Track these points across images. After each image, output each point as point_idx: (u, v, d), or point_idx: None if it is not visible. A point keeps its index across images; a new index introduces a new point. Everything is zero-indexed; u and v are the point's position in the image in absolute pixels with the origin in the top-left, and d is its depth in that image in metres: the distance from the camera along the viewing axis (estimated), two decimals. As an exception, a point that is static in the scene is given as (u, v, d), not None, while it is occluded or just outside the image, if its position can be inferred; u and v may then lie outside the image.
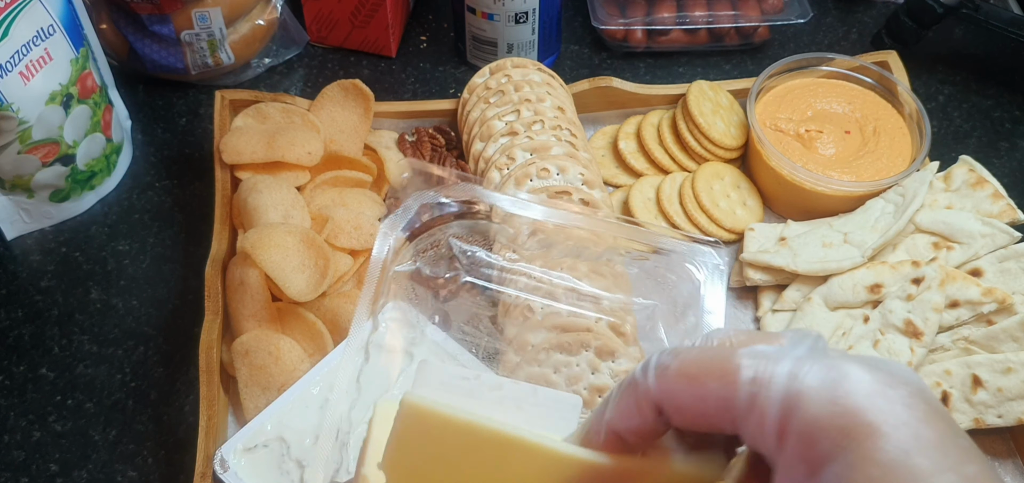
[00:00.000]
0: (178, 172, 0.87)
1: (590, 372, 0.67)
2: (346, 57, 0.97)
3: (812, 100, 0.84)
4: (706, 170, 0.82)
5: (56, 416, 0.71)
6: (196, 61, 0.89)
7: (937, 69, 0.96)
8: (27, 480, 0.68)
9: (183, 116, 0.91)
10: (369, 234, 0.74)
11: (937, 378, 0.69)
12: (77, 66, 0.76)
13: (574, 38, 0.99)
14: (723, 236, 0.80)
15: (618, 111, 0.89)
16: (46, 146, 0.76)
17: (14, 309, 0.77)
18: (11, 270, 0.79)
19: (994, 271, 0.72)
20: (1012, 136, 0.91)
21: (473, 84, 0.85)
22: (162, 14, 0.85)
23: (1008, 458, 0.69)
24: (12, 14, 0.70)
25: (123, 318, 0.76)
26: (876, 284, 0.72)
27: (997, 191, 0.76)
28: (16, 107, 0.72)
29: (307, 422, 0.65)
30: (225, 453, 0.63)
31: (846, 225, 0.76)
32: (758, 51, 0.98)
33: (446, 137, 0.84)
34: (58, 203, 0.81)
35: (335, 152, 0.79)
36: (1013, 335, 0.68)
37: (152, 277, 0.79)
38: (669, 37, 0.96)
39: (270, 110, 0.82)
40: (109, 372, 0.73)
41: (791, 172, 0.78)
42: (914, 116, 0.82)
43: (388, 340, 0.69)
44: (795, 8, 0.95)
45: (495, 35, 0.89)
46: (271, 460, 0.63)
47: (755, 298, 0.78)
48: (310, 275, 0.70)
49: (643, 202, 0.81)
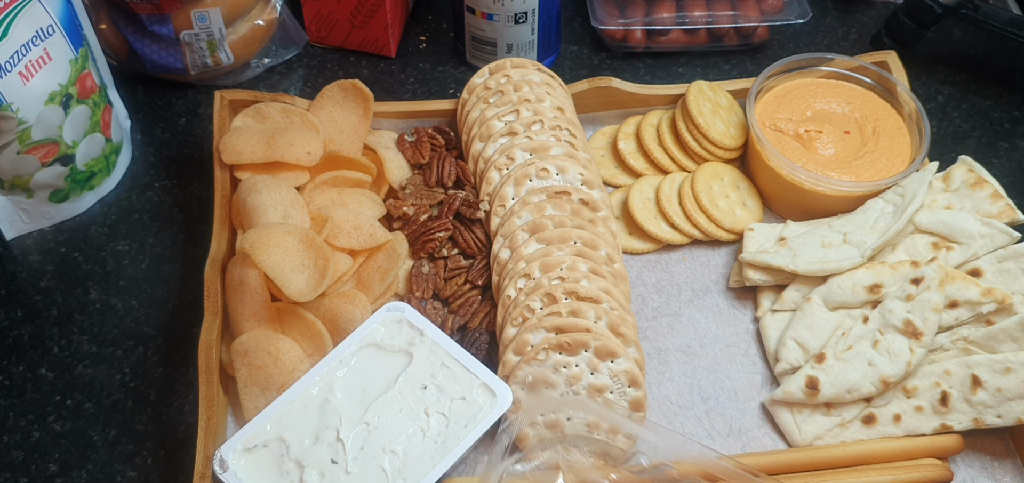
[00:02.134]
0: (177, 172, 0.87)
1: (590, 372, 0.67)
2: (345, 57, 0.97)
3: (811, 100, 0.84)
4: (705, 170, 0.82)
5: (55, 416, 0.71)
6: (195, 61, 0.89)
7: (936, 69, 0.97)
8: (26, 480, 0.68)
9: (182, 116, 0.91)
10: (369, 234, 0.74)
11: (936, 378, 0.69)
12: (76, 66, 0.76)
13: (573, 38, 0.99)
14: (723, 236, 0.80)
15: (617, 111, 0.89)
16: (45, 146, 0.76)
17: (13, 309, 0.77)
18: (10, 270, 0.79)
19: (993, 271, 0.72)
20: (1011, 136, 0.91)
21: (472, 84, 0.85)
22: (161, 14, 0.85)
23: (1008, 458, 0.69)
24: (11, 14, 0.70)
25: (122, 318, 0.76)
26: (875, 284, 0.72)
27: (996, 191, 0.76)
28: (15, 107, 0.72)
29: (307, 422, 0.65)
30: (224, 453, 0.63)
31: (845, 225, 0.76)
32: (757, 51, 0.98)
33: (446, 137, 0.84)
34: (57, 203, 0.81)
35: (334, 152, 0.79)
36: (1012, 335, 0.68)
37: (151, 277, 0.79)
38: (668, 37, 0.96)
39: (269, 110, 0.82)
40: (108, 372, 0.73)
41: (790, 172, 0.78)
42: (913, 116, 0.82)
43: (388, 340, 0.69)
44: (794, 8, 0.95)
45: (494, 35, 0.89)
46: (271, 460, 0.63)
47: (754, 298, 0.78)
48: (309, 275, 0.70)
49: (642, 202, 0.81)
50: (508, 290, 0.71)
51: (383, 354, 0.68)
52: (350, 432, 0.64)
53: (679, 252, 0.81)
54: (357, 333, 0.68)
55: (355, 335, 0.68)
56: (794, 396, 0.69)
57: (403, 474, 0.62)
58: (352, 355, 0.68)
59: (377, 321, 0.69)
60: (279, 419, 0.65)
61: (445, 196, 0.79)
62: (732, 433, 0.70)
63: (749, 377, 0.73)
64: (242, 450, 0.63)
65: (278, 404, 0.65)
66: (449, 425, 0.64)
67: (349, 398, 0.66)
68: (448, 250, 0.77)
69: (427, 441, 0.64)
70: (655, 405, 0.71)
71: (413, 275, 0.75)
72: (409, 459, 0.63)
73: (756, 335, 0.76)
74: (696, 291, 0.78)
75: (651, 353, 0.74)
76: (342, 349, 0.68)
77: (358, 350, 0.68)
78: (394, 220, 0.79)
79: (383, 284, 0.73)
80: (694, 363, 0.74)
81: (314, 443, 0.63)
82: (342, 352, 0.67)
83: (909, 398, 0.69)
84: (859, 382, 0.68)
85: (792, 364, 0.72)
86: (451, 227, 0.77)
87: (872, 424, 0.69)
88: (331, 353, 0.68)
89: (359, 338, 0.68)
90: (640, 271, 0.79)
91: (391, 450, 0.63)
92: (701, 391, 0.72)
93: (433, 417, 0.65)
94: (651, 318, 0.76)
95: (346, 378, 0.67)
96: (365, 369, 0.67)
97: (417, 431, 0.64)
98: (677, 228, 0.80)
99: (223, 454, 0.63)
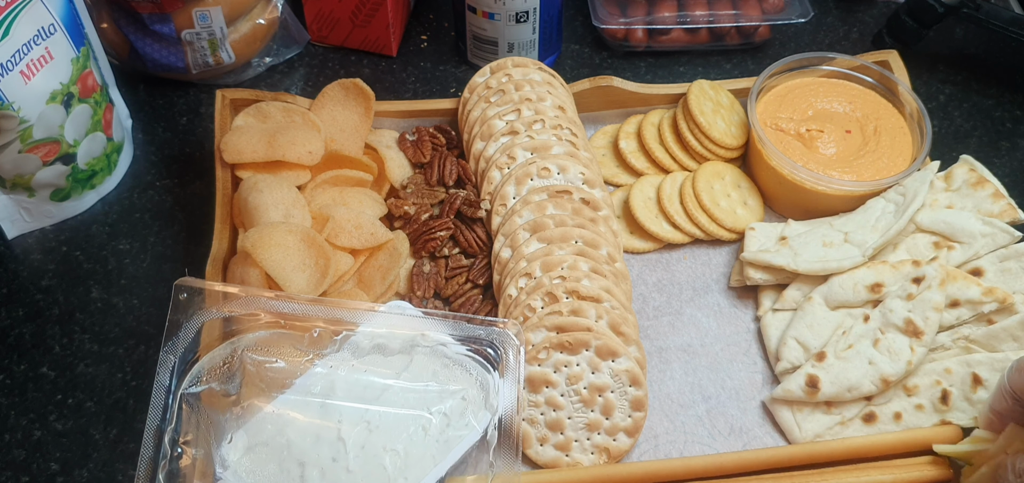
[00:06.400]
0: (179, 171, 0.87)
1: (590, 372, 0.67)
2: (347, 56, 0.97)
3: (813, 99, 0.84)
4: (707, 169, 0.82)
5: (57, 415, 0.71)
6: (197, 60, 0.89)
7: (938, 69, 0.96)
8: (28, 479, 0.68)
9: (184, 115, 0.91)
10: (370, 233, 0.74)
11: (937, 376, 0.69)
12: (78, 65, 0.76)
13: (575, 37, 0.99)
14: (724, 235, 0.80)
15: (619, 110, 0.89)
16: (47, 145, 0.76)
17: (15, 308, 0.77)
18: (12, 269, 0.79)
19: (995, 271, 0.72)
20: (1013, 135, 0.91)
21: (474, 83, 0.85)
22: (163, 13, 0.85)
23: (1008, 458, 0.69)
24: (13, 13, 0.70)
25: (124, 317, 0.76)
26: (877, 283, 0.72)
27: (998, 191, 0.76)
28: (17, 106, 0.72)
29: (307, 422, 0.65)
30: (225, 452, 0.63)
31: (847, 224, 0.76)
32: (759, 50, 0.98)
33: (447, 136, 0.84)
34: (59, 202, 0.81)
35: (336, 151, 0.79)
36: (1013, 334, 0.68)
37: (153, 276, 0.79)
38: (670, 36, 0.96)
39: (271, 109, 0.82)
40: (110, 371, 0.73)
41: (792, 171, 0.78)
42: (915, 115, 0.82)
43: (388, 342, 0.69)
44: (796, 7, 0.95)
45: (496, 34, 0.89)
46: (272, 459, 0.63)
47: (755, 297, 0.78)
48: (311, 274, 0.70)
49: (643, 201, 0.81)
50: (509, 289, 0.71)
51: (384, 353, 0.68)
52: (351, 431, 0.64)
53: (680, 251, 0.81)
54: (358, 332, 0.68)
55: (356, 334, 0.68)
56: (794, 394, 0.69)
57: (404, 473, 0.62)
58: (353, 354, 0.68)
59: (378, 320, 0.69)
60: (280, 418, 0.65)
61: (446, 195, 0.79)
62: (733, 432, 0.70)
63: (750, 376, 0.73)
64: (243, 449, 0.63)
65: (279, 403, 0.65)
66: (450, 423, 0.64)
67: (350, 397, 0.66)
68: (449, 249, 0.77)
69: (428, 440, 0.64)
70: (656, 404, 0.71)
71: (414, 274, 0.75)
72: (410, 458, 0.63)
73: (757, 334, 0.76)
74: (697, 290, 0.78)
75: (652, 352, 0.74)
76: (343, 348, 0.68)
77: (359, 349, 0.68)
78: (395, 219, 0.79)
79: (384, 283, 0.73)
80: (695, 362, 0.74)
81: (315, 442, 0.63)
82: (343, 351, 0.67)
83: (909, 396, 0.69)
84: (859, 381, 0.68)
85: (793, 363, 0.72)
86: (452, 226, 0.77)
87: (873, 422, 0.69)
88: (332, 353, 0.68)
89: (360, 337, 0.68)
90: (641, 270, 0.79)
91: (392, 449, 0.63)
92: (702, 390, 0.72)
93: (434, 416, 0.65)
94: (652, 317, 0.76)
95: (347, 377, 0.67)
96: (366, 368, 0.67)
97: (418, 430, 0.64)
98: (678, 227, 0.80)
99: (223, 454, 0.63)
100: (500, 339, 0.65)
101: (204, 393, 0.64)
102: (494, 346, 0.65)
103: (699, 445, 0.69)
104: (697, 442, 0.69)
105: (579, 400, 0.67)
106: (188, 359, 0.64)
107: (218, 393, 0.64)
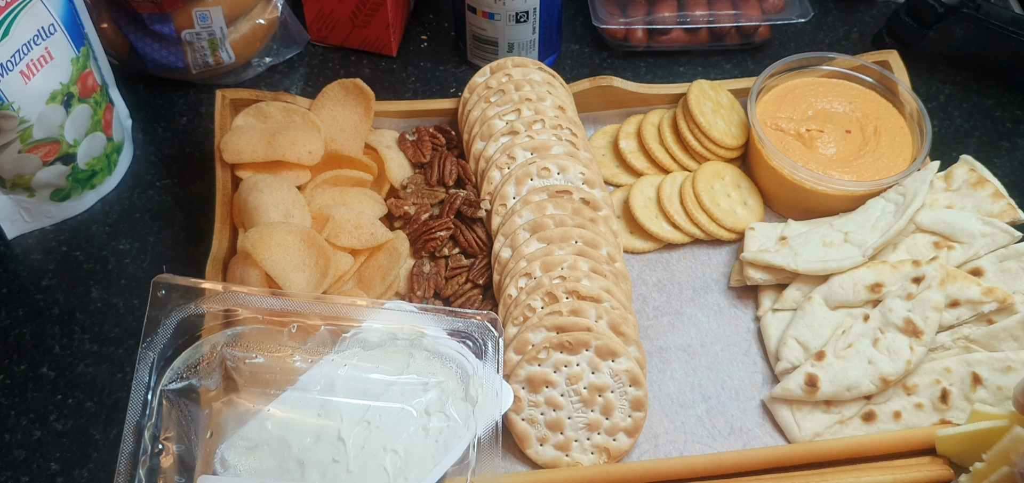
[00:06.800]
0: (179, 171, 0.87)
1: (590, 372, 0.67)
2: (347, 56, 0.97)
3: (813, 99, 0.84)
4: (707, 169, 0.82)
5: (57, 415, 0.71)
6: (197, 60, 0.89)
7: (938, 69, 0.96)
8: (28, 479, 0.68)
9: (184, 115, 0.91)
10: (370, 233, 0.74)
11: (937, 376, 0.69)
12: (78, 65, 0.76)
13: (575, 37, 0.99)
14: (723, 235, 0.80)
15: (619, 110, 0.89)
16: (47, 145, 0.76)
17: (15, 308, 0.77)
18: (12, 269, 0.79)
19: (994, 270, 0.72)
20: (1013, 135, 0.91)
21: (474, 83, 0.85)
22: (163, 13, 0.85)
23: (1008, 457, 0.69)
24: (13, 13, 0.70)
25: (124, 317, 0.76)
26: (876, 283, 0.72)
27: (998, 191, 0.76)
28: (17, 106, 0.72)
29: (307, 422, 0.64)
30: (225, 452, 0.63)
31: (847, 224, 0.76)
32: (759, 50, 0.98)
33: (447, 136, 0.84)
34: (59, 202, 0.81)
35: (336, 151, 0.79)
36: (1013, 334, 0.69)
37: (153, 276, 0.79)
38: (670, 36, 0.96)
39: (271, 109, 0.82)
40: (110, 371, 0.73)
41: (792, 171, 0.78)
42: (915, 115, 0.82)
43: (389, 340, 0.69)
44: (796, 7, 0.95)
45: (496, 34, 0.89)
46: (272, 459, 0.63)
47: (755, 297, 0.78)
48: (311, 274, 0.70)
49: (643, 201, 0.81)
50: (509, 289, 0.71)
51: (384, 353, 0.68)
52: (351, 431, 0.64)
53: (680, 251, 0.81)
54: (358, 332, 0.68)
55: (356, 334, 0.68)
56: (793, 393, 0.69)
57: (404, 473, 0.62)
58: (353, 354, 0.68)
59: (378, 320, 0.69)
60: (280, 418, 0.65)
61: (446, 195, 0.79)
62: (733, 432, 0.70)
63: (750, 376, 0.73)
64: (243, 450, 0.63)
65: (278, 404, 0.65)
66: (450, 424, 0.64)
67: (350, 397, 0.66)
68: (449, 249, 0.77)
69: (428, 440, 0.64)
70: (656, 404, 0.71)
71: (414, 274, 0.75)
72: (410, 458, 0.63)
73: (757, 334, 0.76)
74: (697, 290, 0.78)
75: (652, 352, 0.74)
76: (343, 348, 0.68)
77: (359, 349, 0.68)
78: (395, 219, 0.79)
79: (384, 283, 0.73)
80: (695, 362, 0.74)
81: (315, 442, 0.63)
82: (343, 351, 0.67)
83: (909, 395, 0.69)
84: (859, 380, 0.68)
85: (793, 363, 0.72)
86: (452, 226, 0.77)
87: (872, 421, 0.69)
88: (332, 353, 0.68)
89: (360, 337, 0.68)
90: (641, 270, 0.79)
91: (392, 449, 0.63)
92: (702, 390, 0.72)
93: (434, 416, 0.65)
94: (652, 317, 0.76)
95: (347, 377, 0.67)
96: (366, 368, 0.67)
97: (418, 430, 0.64)
98: (678, 227, 0.80)
99: (224, 453, 0.63)
100: (479, 331, 0.66)
101: (184, 389, 0.64)
102: (472, 338, 0.66)
103: (699, 445, 0.69)
104: (697, 442, 0.69)
105: (579, 400, 0.67)
106: (167, 355, 0.63)
107: (198, 389, 0.64)
